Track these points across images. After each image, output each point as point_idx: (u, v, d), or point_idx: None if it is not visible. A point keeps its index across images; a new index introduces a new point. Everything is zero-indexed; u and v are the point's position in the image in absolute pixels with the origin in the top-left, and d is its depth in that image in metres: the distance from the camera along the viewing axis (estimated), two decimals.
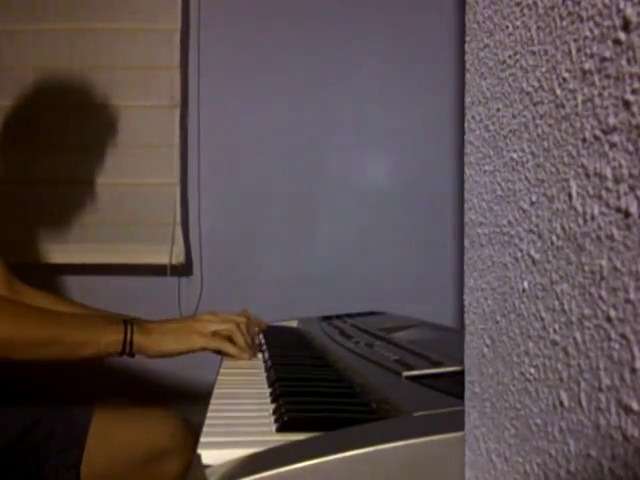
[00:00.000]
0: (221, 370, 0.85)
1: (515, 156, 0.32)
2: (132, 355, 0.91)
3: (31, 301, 1.10)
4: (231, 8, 1.63)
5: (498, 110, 0.34)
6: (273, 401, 0.65)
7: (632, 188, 0.23)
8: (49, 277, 1.56)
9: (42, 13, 1.57)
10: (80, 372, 1.38)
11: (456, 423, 0.42)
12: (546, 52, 0.29)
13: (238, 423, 0.58)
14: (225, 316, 0.99)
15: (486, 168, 0.36)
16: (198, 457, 0.49)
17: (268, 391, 0.70)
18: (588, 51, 0.25)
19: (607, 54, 0.24)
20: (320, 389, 0.69)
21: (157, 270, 1.57)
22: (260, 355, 0.94)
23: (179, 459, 1.06)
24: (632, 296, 0.22)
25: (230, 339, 0.94)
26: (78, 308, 1.15)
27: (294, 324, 1.29)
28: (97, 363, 1.38)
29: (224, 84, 1.63)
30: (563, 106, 0.27)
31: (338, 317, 1.27)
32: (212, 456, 0.49)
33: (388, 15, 1.62)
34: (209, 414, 0.61)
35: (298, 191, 1.63)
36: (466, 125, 0.39)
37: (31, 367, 0.96)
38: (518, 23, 0.32)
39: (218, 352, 0.94)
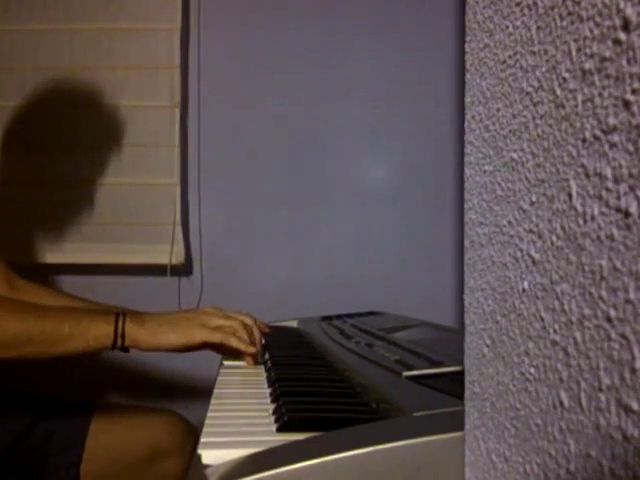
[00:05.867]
0: (221, 370, 0.85)
1: (515, 156, 0.32)
2: (126, 350, 0.83)
3: (31, 297, 1.10)
4: (231, 8, 1.63)
5: (498, 110, 0.34)
6: (273, 401, 0.65)
7: (632, 188, 0.23)
8: (49, 277, 1.56)
9: (42, 13, 1.57)
10: (80, 372, 1.38)
11: (456, 423, 0.42)
12: (546, 52, 0.29)
13: (238, 423, 0.58)
14: (230, 313, 0.91)
15: (486, 168, 0.36)
16: (198, 457, 0.49)
17: (268, 391, 0.70)
18: (588, 51, 0.25)
19: (607, 54, 0.24)
20: (320, 389, 0.69)
21: (157, 270, 1.56)
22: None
23: (179, 459, 1.06)
24: (632, 296, 0.22)
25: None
26: (77, 302, 1.10)
27: (294, 324, 1.29)
28: (96, 362, 1.38)
29: (224, 84, 1.63)
30: (563, 106, 0.27)
31: (338, 317, 1.27)
32: (212, 456, 0.49)
33: (389, 14, 1.62)
34: (209, 414, 0.61)
35: (298, 191, 1.63)
36: (466, 125, 0.39)
37: (31, 367, 0.94)
38: (518, 23, 0.32)
39: (220, 349, 0.87)
